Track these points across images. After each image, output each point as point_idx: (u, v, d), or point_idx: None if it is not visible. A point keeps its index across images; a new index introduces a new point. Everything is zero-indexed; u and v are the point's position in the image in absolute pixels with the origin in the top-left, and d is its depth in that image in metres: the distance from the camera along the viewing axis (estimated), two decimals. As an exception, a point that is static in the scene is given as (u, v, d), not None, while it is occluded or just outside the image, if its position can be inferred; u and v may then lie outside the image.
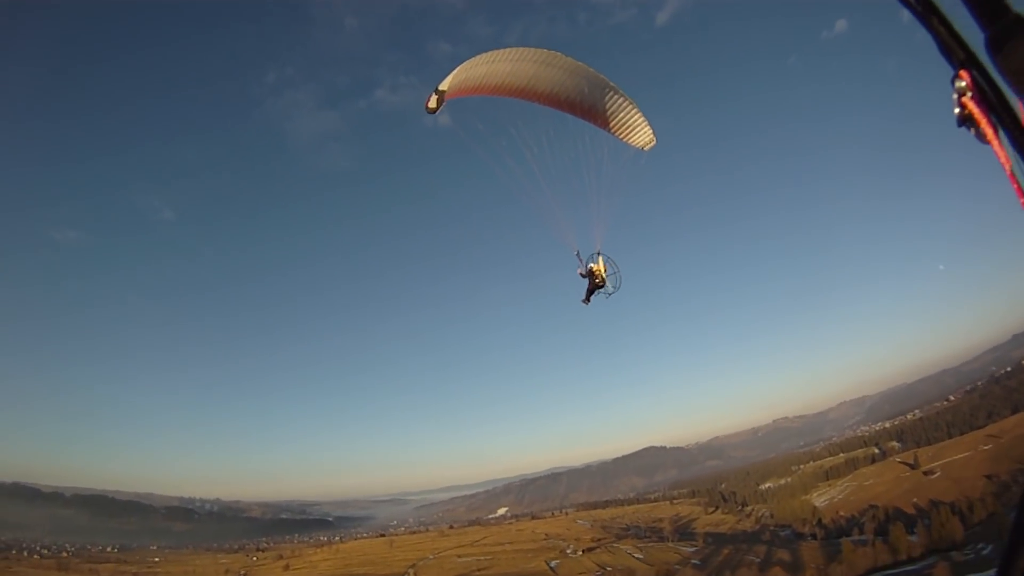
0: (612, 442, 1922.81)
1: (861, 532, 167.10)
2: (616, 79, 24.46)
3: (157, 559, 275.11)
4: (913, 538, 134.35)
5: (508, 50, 23.52)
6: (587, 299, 24.63)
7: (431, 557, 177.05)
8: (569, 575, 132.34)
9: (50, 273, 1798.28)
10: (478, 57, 23.01)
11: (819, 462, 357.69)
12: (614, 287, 24.35)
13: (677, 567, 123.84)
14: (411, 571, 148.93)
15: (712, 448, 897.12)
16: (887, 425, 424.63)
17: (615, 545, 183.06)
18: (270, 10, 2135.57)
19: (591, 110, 25.00)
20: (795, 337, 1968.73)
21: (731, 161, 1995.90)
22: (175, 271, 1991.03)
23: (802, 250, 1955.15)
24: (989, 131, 3.18)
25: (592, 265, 24.22)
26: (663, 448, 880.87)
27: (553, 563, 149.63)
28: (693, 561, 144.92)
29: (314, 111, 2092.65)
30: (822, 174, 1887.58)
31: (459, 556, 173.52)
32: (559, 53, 23.62)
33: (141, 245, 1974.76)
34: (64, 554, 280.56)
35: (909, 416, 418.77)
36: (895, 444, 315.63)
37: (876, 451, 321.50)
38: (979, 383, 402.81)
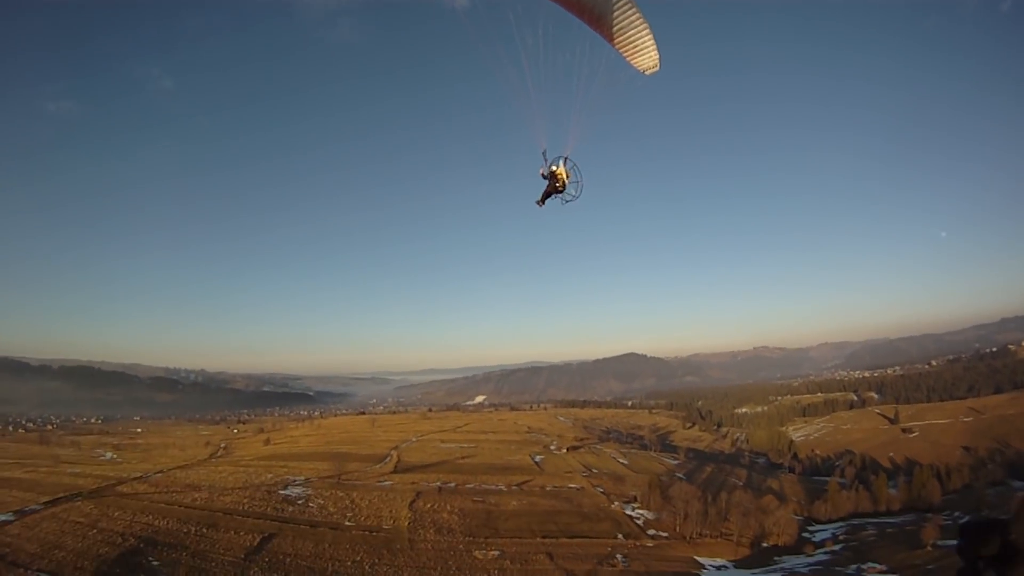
0: (593, 343, 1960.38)
1: (842, 475, 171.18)
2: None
3: (139, 430, 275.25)
4: (892, 491, 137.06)
5: None
6: (542, 201, 23.70)
7: (414, 439, 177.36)
8: (555, 472, 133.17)
9: (42, 145, 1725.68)
10: None
11: (796, 397, 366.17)
12: (573, 195, 23.54)
13: (663, 478, 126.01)
14: (394, 453, 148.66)
15: (691, 364, 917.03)
16: (866, 375, 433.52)
17: (598, 447, 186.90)
18: None
19: (600, 19, 23.37)
20: (790, 271, 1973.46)
21: (754, 91, 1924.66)
22: (172, 143, 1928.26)
23: (814, 189, 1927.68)
24: None
25: (555, 168, 23.31)
26: (643, 356, 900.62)
27: (537, 458, 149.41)
28: (677, 474, 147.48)
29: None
30: (848, 116, 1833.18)
31: (442, 442, 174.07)
32: None
33: (138, 116, 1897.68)
34: (49, 427, 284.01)
35: (889, 371, 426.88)
36: (873, 395, 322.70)
37: (854, 397, 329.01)
38: (963, 355, 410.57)
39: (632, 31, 23.40)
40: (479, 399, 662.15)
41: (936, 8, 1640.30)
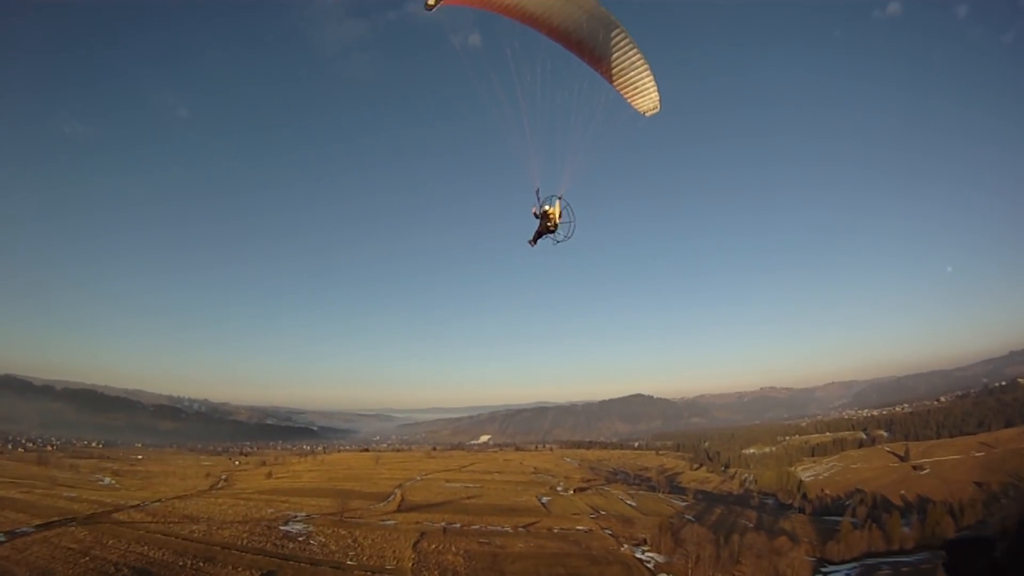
0: (600, 384, 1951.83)
1: (854, 514, 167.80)
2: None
3: (140, 456, 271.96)
4: (906, 529, 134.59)
5: None
6: (534, 241, 23.62)
7: (418, 478, 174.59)
8: (562, 513, 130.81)
9: (54, 166, 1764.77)
10: None
11: (805, 437, 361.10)
12: (565, 235, 23.42)
13: (673, 520, 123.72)
14: (398, 491, 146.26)
15: (698, 405, 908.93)
16: (875, 413, 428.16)
17: (605, 488, 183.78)
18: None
19: (600, 59, 23.54)
20: (795, 310, 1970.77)
21: (761, 126, 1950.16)
22: (184, 171, 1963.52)
23: (819, 227, 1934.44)
24: None
25: (548, 207, 23.25)
26: (650, 398, 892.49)
27: (544, 499, 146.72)
28: (687, 516, 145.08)
29: (342, 18, 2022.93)
30: (852, 152, 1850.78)
31: (447, 481, 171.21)
32: None
33: (152, 143, 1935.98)
34: (49, 448, 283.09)
35: (897, 408, 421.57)
36: (883, 433, 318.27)
37: (863, 436, 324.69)
38: (972, 391, 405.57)
39: (633, 72, 23.49)
40: (484, 439, 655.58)
41: (940, 40, 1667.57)
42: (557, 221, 23.28)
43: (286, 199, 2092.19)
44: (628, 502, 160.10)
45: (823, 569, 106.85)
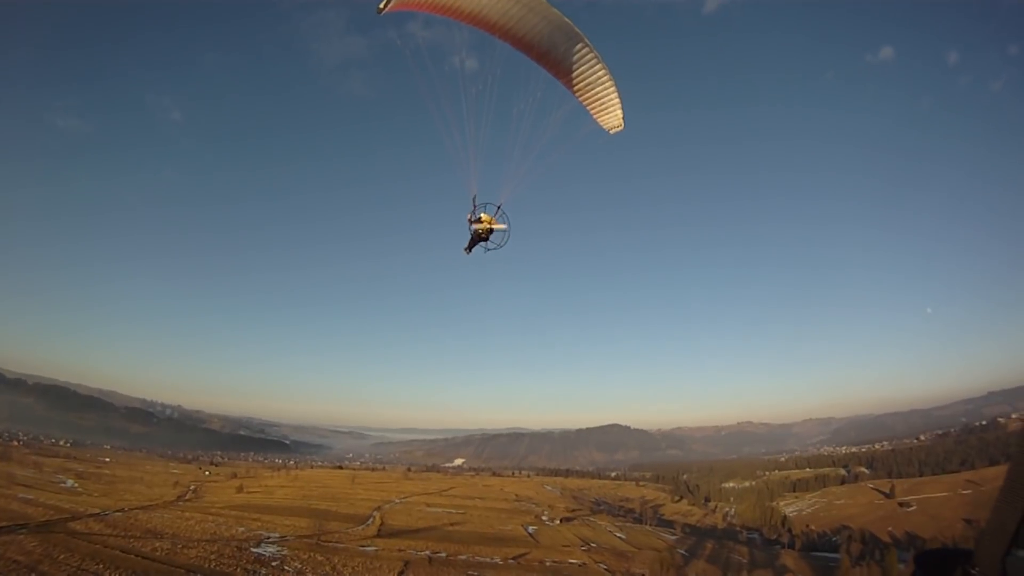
0: (576, 412, 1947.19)
1: (848, 551, 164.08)
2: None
3: (108, 459, 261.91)
4: (902, 566, 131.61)
5: None
6: (469, 248, 23.66)
7: (397, 501, 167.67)
8: (552, 545, 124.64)
9: (46, 162, 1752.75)
10: None
11: (784, 472, 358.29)
12: (496, 244, 23.49)
13: (665, 554, 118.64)
14: (377, 514, 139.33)
15: (675, 437, 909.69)
16: (854, 450, 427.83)
17: (591, 519, 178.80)
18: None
19: (564, 73, 23.13)
20: (774, 346, 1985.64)
21: (752, 161, 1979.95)
22: (174, 175, 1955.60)
23: (799, 265, 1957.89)
24: None
25: (483, 214, 23.24)
26: (627, 428, 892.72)
27: (531, 529, 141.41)
28: (680, 551, 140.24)
29: (342, 34, 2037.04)
30: (835, 192, 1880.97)
31: (428, 505, 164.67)
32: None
33: (144, 144, 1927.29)
34: (15, 443, 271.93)
35: (877, 446, 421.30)
36: (864, 470, 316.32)
37: (845, 473, 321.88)
38: (951, 430, 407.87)
39: (599, 87, 23.15)
40: (458, 462, 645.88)
41: (930, 86, 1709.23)
42: (489, 227, 23.05)
43: (272, 210, 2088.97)
44: (617, 534, 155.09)
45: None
